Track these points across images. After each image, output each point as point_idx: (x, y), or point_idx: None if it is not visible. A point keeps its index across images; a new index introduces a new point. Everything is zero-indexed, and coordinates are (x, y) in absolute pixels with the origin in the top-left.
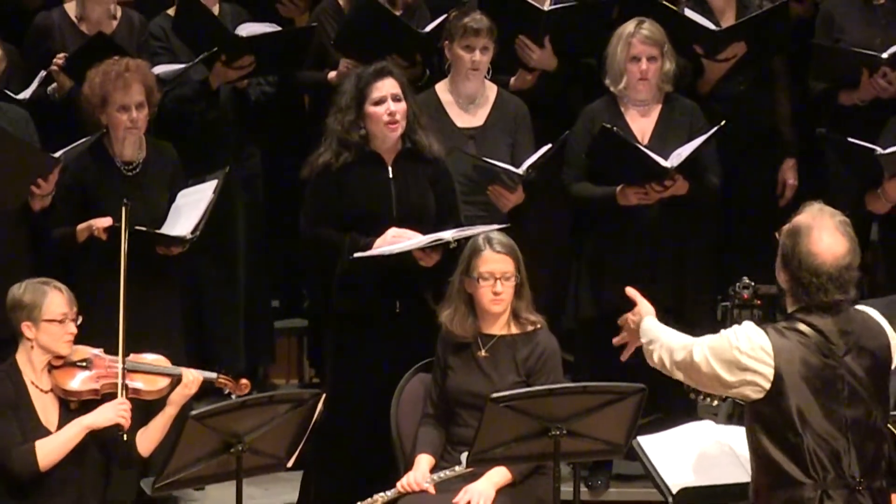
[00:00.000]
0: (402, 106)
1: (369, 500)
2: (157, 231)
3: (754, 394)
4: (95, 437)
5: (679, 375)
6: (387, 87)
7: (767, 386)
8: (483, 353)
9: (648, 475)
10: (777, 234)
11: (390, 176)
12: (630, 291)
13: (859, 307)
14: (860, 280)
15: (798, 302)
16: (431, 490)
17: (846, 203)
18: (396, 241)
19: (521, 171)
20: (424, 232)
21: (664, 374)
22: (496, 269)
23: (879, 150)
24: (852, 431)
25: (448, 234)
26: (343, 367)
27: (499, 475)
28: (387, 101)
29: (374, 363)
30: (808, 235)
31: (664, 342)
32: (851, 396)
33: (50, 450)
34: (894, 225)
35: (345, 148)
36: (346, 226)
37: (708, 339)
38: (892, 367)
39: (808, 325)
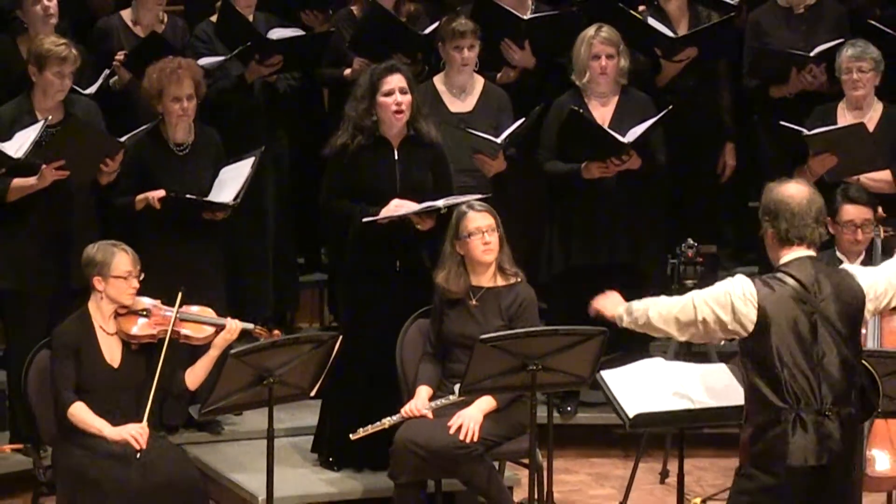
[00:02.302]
0: (408, 98)
1: (378, 423)
2: (206, 199)
3: (743, 331)
4: (149, 370)
5: (671, 328)
6: (395, 81)
7: (751, 326)
8: (474, 301)
9: (609, 403)
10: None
11: (396, 158)
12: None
13: (846, 266)
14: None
15: (783, 247)
16: (430, 415)
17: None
18: (398, 209)
19: (500, 140)
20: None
21: None
22: (482, 224)
23: (805, 131)
24: (823, 366)
25: (439, 202)
26: (354, 314)
27: (486, 402)
28: (395, 92)
29: (379, 310)
30: (777, 189)
31: (658, 304)
32: (824, 337)
33: (77, 417)
34: None
35: (359, 132)
36: (358, 198)
37: (704, 291)
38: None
39: (790, 275)
